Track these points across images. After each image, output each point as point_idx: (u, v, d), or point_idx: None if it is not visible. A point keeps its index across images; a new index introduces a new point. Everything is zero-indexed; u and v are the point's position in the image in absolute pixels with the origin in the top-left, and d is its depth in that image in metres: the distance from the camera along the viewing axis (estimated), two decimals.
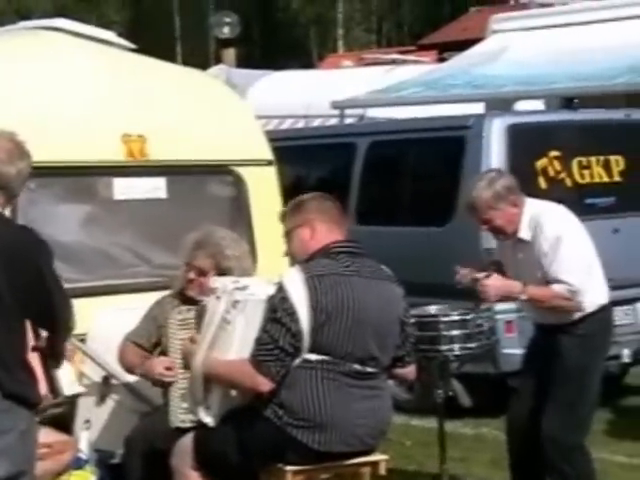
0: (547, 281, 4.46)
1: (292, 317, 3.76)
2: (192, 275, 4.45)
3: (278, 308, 3.79)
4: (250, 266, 4.55)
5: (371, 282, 3.91)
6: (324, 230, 3.96)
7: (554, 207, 4.65)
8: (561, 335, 4.52)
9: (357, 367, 3.85)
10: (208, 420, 3.96)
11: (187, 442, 3.99)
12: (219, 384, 3.96)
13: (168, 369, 4.32)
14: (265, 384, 3.79)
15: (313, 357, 3.80)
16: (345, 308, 3.82)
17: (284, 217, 4.09)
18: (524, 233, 4.54)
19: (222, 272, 4.40)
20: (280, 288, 3.82)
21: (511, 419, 4.74)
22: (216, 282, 4.15)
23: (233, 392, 3.97)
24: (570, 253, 4.45)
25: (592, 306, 4.52)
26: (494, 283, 4.50)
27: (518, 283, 4.50)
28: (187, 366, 4.09)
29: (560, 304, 4.45)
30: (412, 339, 4.11)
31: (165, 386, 4.38)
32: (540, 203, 4.65)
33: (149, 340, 4.56)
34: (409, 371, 4.13)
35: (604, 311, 4.58)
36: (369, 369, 3.88)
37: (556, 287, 4.43)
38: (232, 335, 3.92)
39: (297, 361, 3.80)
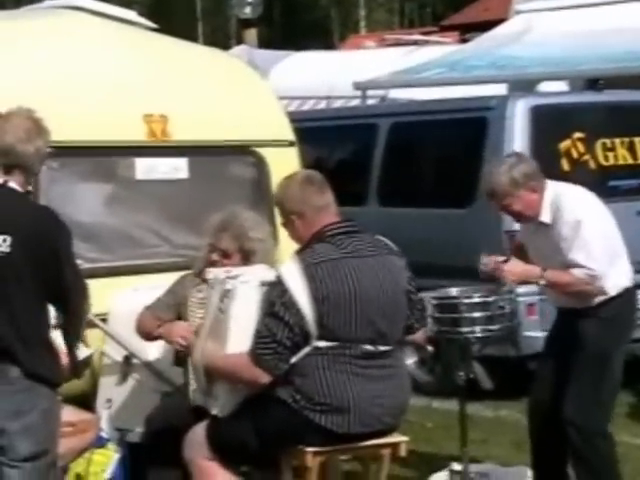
0: (567, 265, 4.43)
1: (290, 310, 3.74)
2: (215, 257, 4.44)
3: (276, 301, 3.77)
4: (273, 248, 4.54)
5: (371, 259, 3.88)
6: (312, 217, 3.90)
7: (575, 190, 4.61)
8: (584, 319, 4.49)
9: (368, 348, 3.84)
10: (216, 411, 3.96)
11: (198, 433, 3.98)
12: (220, 377, 3.96)
13: (188, 334, 4.28)
14: (263, 377, 3.79)
15: (323, 344, 3.79)
16: (347, 292, 3.80)
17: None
18: (545, 216, 4.51)
19: (245, 254, 4.40)
20: (278, 280, 3.81)
21: (533, 403, 4.72)
22: (209, 273, 4.16)
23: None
24: (590, 237, 4.41)
25: (615, 289, 4.48)
26: (513, 268, 4.49)
27: (537, 268, 4.47)
28: (190, 359, 4.10)
29: (580, 289, 4.42)
30: (420, 305, 4.09)
31: (185, 356, 4.35)
32: (561, 186, 4.60)
33: (167, 314, 4.54)
34: (418, 336, 4.12)
35: (627, 294, 4.54)
36: (381, 348, 3.87)
37: (576, 272, 4.40)
38: (227, 324, 3.94)
39: (307, 349, 3.79)
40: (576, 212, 4.46)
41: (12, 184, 3.57)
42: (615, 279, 4.48)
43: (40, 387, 3.47)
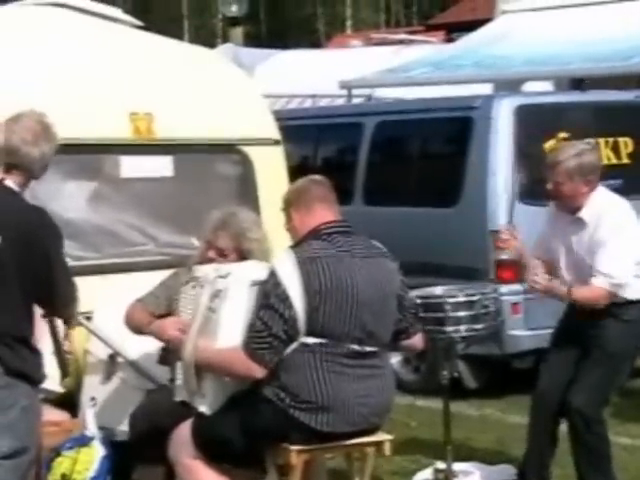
0: (593, 269, 4.53)
1: (285, 303, 3.75)
2: (212, 254, 4.41)
3: (271, 294, 3.77)
4: (269, 249, 4.52)
5: (364, 260, 3.91)
6: (309, 212, 3.94)
7: (620, 201, 4.71)
8: (606, 318, 4.61)
9: (355, 347, 3.85)
10: (204, 409, 3.97)
11: (184, 433, 3.98)
12: (212, 372, 3.97)
13: (180, 331, 4.26)
14: (259, 371, 3.80)
15: (310, 340, 3.80)
16: (339, 289, 3.81)
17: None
18: (585, 214, 4.60)
19: (243, 254, 4.38)
20: (272, 273, 3.81)
21: (541, 389, 4.81)
22: (198, 271, 4.16)
23: (227, 378, 3.97)
24: (624, 247, 4.53)
25: (637, 294, 4.63)
26: (544, 283, 4.58)
27: (564, 287, 4.58)
28: (179, 356, 4.09)
29: (602, 301, 4.53)
30: (413, 309, 4.12)
31: (172, 354, 4.34)
32: (609, 194, 4.70)
33: (157, 308, 4.52)
34: (415, 340, 4.14)
35: None
36: (368, 348, 3.88)
37: (599, 282, 4.50)
38: (218, 323, 3.95)
39: (295, 345, 3.80)
40: (616, 222, 4.57)
41: (8, 182, 3.56)
42: (638, 286, 4.63)
43: (21, 384, 3.47)
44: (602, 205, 4.61)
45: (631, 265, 4.56)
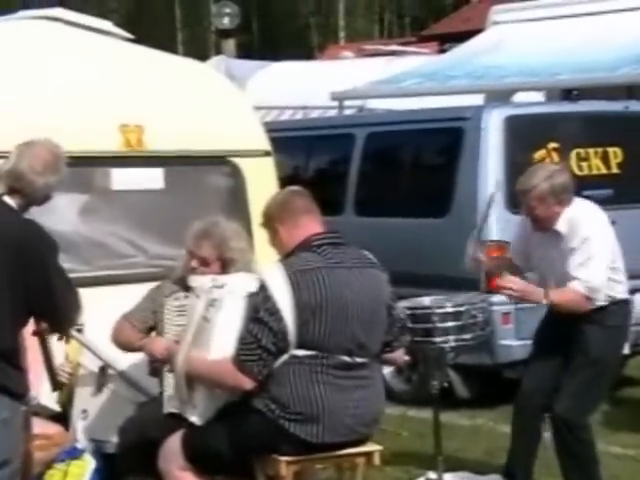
0: (569, 276, 4.59)
1: (275, 316, 3.76)
2: (194, 264, 4.45)
3: (260, 307, 3.78)
4: (252, 259, 4.54)
5: (354, 271, 3.91)
6: (296, 225, 3.94)
7: (591, 207, 4.80)
8: (589, 324, 4.66)
9: (346, 359, 3.86)
10: (194, 419, 3.97)
11: (174, 444, 3.99)
12: (202, 383, 3.97)
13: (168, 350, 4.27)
14: (248, 383, 3.80)
15: (301, 353, 3.80)
16: (329, 302, 3.81)
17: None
18: (561, 225, 4.68)
19: (225, 263, 4.41)
20: (262, 286, 3.82)
21: (523, 392, 4.86)
22: (194, 281, 4.17)
23: (218, 390, 3.98)
24: (595, 253, 4.60)
25: (623, 295, 4.72)
26: (519, 285, 4.63)
27: (540, 290, 4.63)
28: (172, 367, 4.10)
29: (579, 304, 4.58)
30: (399, 323, 4.12)
31: (161, 367, 4.36)
32: (582, 202, 4.79)
33: (144, 322, 4.54)
34: (397, 355, 4.15)
35: (628, 304, 4.80)
36: (358, 359, 3.89)
37: (574, 285, 4.55)
38: (211, 333, 3.96)
39: (285, 357, 3.81)
40: (589, 228, 4.64)
41: (7, 199, 3.58)
42: (622, 287, 4.72)
43: (2, 397, 3.46)
44: (575, 214, 4.68)
45: (604, 269, 4.61)
